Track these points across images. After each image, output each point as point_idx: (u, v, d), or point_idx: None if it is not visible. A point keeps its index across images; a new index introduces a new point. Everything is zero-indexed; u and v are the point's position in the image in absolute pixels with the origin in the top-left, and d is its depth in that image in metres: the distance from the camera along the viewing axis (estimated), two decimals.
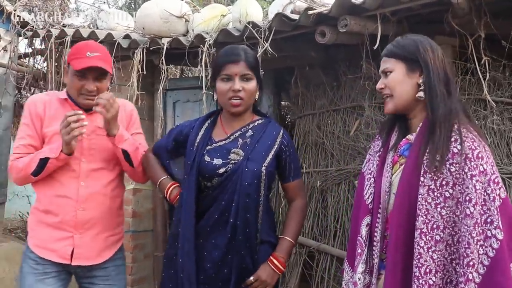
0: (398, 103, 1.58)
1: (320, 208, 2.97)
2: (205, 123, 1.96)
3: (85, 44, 2.09)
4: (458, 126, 1.46)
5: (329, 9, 2.30)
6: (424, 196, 1.43)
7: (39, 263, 2.01)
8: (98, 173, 2.06)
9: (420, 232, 1.42)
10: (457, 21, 2.27)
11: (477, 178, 1.39)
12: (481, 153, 1.42)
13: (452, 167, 1.42)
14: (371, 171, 1.66)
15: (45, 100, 2.08)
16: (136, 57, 3.02)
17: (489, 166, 1.42)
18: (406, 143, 1.59)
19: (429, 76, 1.51)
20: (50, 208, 2.02)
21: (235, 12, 2.71)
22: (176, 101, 3.71)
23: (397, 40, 1.63)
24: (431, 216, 1.42)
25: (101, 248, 2.08)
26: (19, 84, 4.28)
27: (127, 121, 2.21)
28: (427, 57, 1.52)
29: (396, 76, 1.57)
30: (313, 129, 3.07)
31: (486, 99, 2.38)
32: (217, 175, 1.84)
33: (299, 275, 2.99)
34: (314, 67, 3.10)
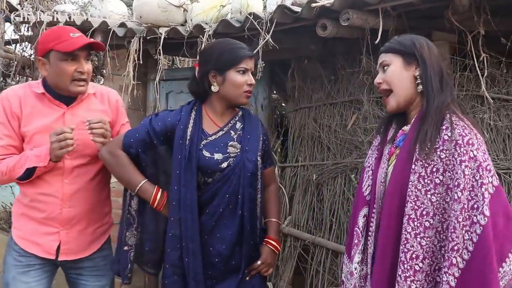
0: (399, 99, 1.60)
1: (316, 201, 2.98)
2: (191, 115, 1.90)
3: (62, 28, 2.01)
4: (449, 115, 1.49)
5: (332, 2, 2.30)
6: (414, 183, 1.45)
7: (22, 255, 1.97)
8: (83, 169, 2.00)
9: (408, 218, 1.44)
10: (457, 17, 2.30)
11: (466, 164, 1.39)
12: (472, 140, 1.43)
13: (442, 153, 1.44)
14: (370, 164, 1.70)
15: (20, 96, 1.95)
16: (133, 47, 2.97)
17: (480, 153, 1.42)
18: (402, 135, 1.62)
19: (425, 68, 1.55)
20: (35, 205, 1.96)
21: (236, 2, 2.68)
22: (169, 92, 3.66)
23: (394, 38, 1.67)
24: (421, 202, 1.44)
25: (89, 242, 2.05)
26: (5, 71, 4.18)
27: (114, 114, 2.13)
28: (423, 51, 1.56)
29: (394, 69, 1.60)
30: (310, 122, 3.07)
31: (484, 95, 2.42)
32: (220, 170, 1.85)
33: (293, 268, 2.99)
34: (311, 60, 3.09)
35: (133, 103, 3.50)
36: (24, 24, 3.86)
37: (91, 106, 2.05)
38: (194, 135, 1.86)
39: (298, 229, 3.00)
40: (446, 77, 1.57)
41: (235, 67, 1.86)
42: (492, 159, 2.35)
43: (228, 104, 1.93)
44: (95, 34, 3.15)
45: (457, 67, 2.54)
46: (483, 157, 1.42)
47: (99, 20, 3.23)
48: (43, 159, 1.87)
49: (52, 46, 1.87)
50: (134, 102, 3.50)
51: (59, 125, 1.94)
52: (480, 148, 1.43)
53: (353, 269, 1.62)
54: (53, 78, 1.93)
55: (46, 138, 1.90)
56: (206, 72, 1.89)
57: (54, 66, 1.89)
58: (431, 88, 1.53)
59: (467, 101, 2.51)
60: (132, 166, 1.90)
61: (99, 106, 2.08)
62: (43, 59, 1.92)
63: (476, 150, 1.42)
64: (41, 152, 1.88)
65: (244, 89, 1.88)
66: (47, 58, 1.90)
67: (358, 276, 1.61)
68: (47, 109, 1.96)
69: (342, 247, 2.72)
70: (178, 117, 1.89)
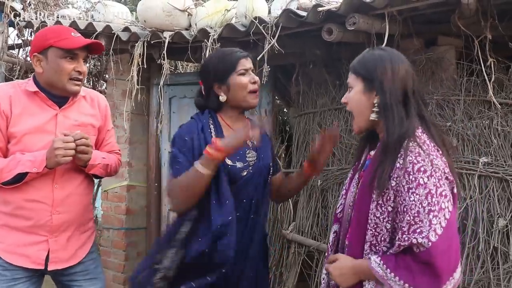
0: (359, 124, 1.57)
1: (320, 207, 2.95)
2: (210, 125, 1.89)
3: (63, 27, 2.00)
4: (407, 142, 1.43)
5: (338, 6, 2.28)
6: (373, 211, 1.45)
7: (7, 269, 1.87)
8: (72, 173, 1.96)
9: (370, 244, 1.47)
10: (463, 22, 2.28)
11: (413, 191, 1.37)
12: (424, 167, 1.38)
13: (393, 181, 1.41)
14: (345, 184, 1.72)
15: (10, 95, 1.88)
16: (137, 51, 2.96)
17: (432, 180, 1.37)
18: (368, 159, 1.61)
19: (383, 97, 1.47)
20: (20, 213, 1.88)
21: (241, 6, 2.67)
22: (172, 96, 3.65)
23: (363, 54, 1.59)
24: (380, 229, 1.45)
25: (77, 247, 2.01)
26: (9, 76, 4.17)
27: (102, 119, 2.11)
28: (384, 78, 1.47)
29: (353, 95, 1.55)
30: (314, 127, 3.05)
31: (491, 100, 2.40)
32: (241, 178, 1.86)
33: (298, 274, 2.96)
34: (316, 65, 3.08)
35: (136, 107, 3.48)
36: (28, 28, 3.87)
37: (82, 109, 2.03)
38: None
39: (303, 235, 2.97)
40: (413, 100, 1.49)
41: (234, 71, 1.86)
42: (499, 164, 2.35)
43: (240, 109, 1.94)
44: (99, 38, 3.14)
45: (463, 72, 2.52)
46: (435, 184, 1.37)
47: (103, 24, 3.22)
48: (37, 165, 1.81)
49: (52, 42, 1.84)
50: (137, 106, 3.48)
51: (51, 126, 1.90)
52: (433, 175, 1.38)
53: (321, 279, 1.68)
54: (50, 75, 1.88)
55: (36, 140, 1.86)
56: (210, 86, 1.91)
57: (52, 63, 1.86)
58: (391, 118, 1.46)
59: (474, 106, 2.48)
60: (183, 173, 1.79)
61: (90, 110, 2.06)
62: (40, 56, 1.87)
63: (428, 177, 1.37)
64: (36, 158, 1.82)
65: (249, 89, 1.87)
66: (45, 54, 1.86)
67: (325, 286, 1.65)
68: (38, 109, 1.91)
69: None
70: (199, 129, 1.87)
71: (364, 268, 1.45)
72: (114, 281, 3.68)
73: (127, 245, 3.64)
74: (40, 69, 1.88)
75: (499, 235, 2.26)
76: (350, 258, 1.51)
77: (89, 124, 2.03)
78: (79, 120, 1.98)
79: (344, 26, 2.30)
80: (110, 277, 3.68)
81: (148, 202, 3.72)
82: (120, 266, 3.64)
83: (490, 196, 2.32)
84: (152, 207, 3.68)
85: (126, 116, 3.44)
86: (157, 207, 3.67)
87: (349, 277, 1.49)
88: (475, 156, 2.39)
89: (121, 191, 3.63)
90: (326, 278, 1.66)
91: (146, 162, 3.73)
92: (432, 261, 1.33)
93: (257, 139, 1.78)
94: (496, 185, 2.32)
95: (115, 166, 2.16)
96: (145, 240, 3.75)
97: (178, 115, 3.62)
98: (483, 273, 2.26)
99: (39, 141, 1.87)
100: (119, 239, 3.64)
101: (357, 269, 1.48)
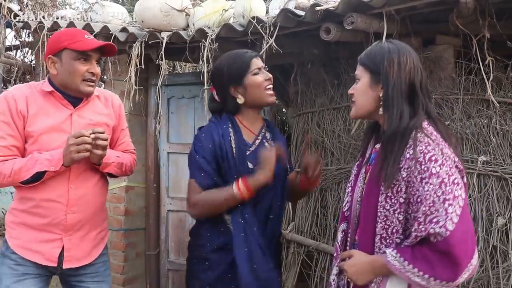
0: (359, 111, 1.60)
1: (319, 207, 2.94)
2: (230, 131, 1.92)
3: (76, 29, 2.04)
4: (415, 133, 1.44)
5: (336, 5, 2.28)
6: (383, 204, 1.45)
7: (19, 264, 1.91)
8: (87, 174, 1.98)
9: (380, 237, 1.47)
10: (461, 21, 2.28)
11: (426, 180, 1.37)
12: (435, 156, 1.39)
13: (404, 172, 1.41)
14: (351, 180, 1.71)
15: (26, 95, 1.92)
16: (134, 51, 2.95)
17: (444, 168, 1.38)
18: (374, 152, 1.61)
19: (387, 91, 1.48)
20: (36, 211, 1.91)
21: (239, 6, 2.66)
22: (170, 97, 3.64)
23: (371, 47, 1.60)
24: (390, 221, 1.45)
25: (92, 247, 2.03)
26: (6, 77, 4.17)
27: (116, 119, 2.13)
28: (390, 71, 1.48)
29: (360, 86, 1.58)
30: (313, 127, 3.05)
31: (490, 99, 2.40)
32: None
33: (297, 274, 2.96)
34: (314, 65, 3.07)
35: (134, 108, 3.48)
36: (25, 29, 3.86)
37: (97, 108, 2.05)
38: (239, 147, 1.89)
39: (302, 235, 2.97)
40: (420, 93, 1.50)
41: (248, 71, 1.90)
42: (498, 163, 2.35)
43: (258, 108, 2.00)
44: (97, 39, 3.12)
45: (462, 71, 2.52)
46: (448, 172, 1.37)
47: (101, 25, 3.21)
48: (55, 164, 1.84)
49: (66, 44, 1.88)
50: (136, 107, 3.47)
51: (67, 126, 1.93)
52: (445, 164, 1.38)
53: (331, 280, 1.67)
54: (64, 77, 1.92)
55: (52, 139, 1.89)
56: (226, 90, 1.93)
57: (66, 64, 1.89)
58: (392, 112, 1.47)
59: (472, 105, 2.49)
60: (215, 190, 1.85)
61: (104, 109, 2.08)
62: (54, 58, 1.91)
63: (440, 166, 1.37)
64: (53, 156, 1.85)
65: (265, 86, 1.91)
66: (59, 56, 1.90)
67: (335, 287, 1.65)
68: (53, 109, 1.94)
69: None
70: (220, 132, 1.90)
71: (380, 263, 1.44)
72: (113, 282, 3.66)
73: (126, 246, 3.62)
74: (55, 71, 1.92)
75: (498, 234, 2.27)
76: (364, 254, 1.50)
77: (104, 123, 2.05)
78: (94, 119, 2.00)
79: (342, 25, 2.30)
80: None
81: (147, 202, 3.71)
82: (119, 267, 3.63)
83: (489, 194, 2.32)
84: (151, 207, 3.67)
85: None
86: (156, 207, 3.66)
87: (365, 273, 1.48)
88: (474, 155, 2.39)
89: (120, 192, 3.62)
90: (336, 279, 1.64)
91: (145, 162, 3.72)
92: (450, 250, 1.32)
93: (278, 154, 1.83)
94: (495, 184, 2.33)
95: (131, 165, 2.18)
96: (144, 241, 3.73)
97: (177, 115, 3.61)
98: (482, 271, 2.26)
99: (55, 140, 1.90)
100: (118, 240, 3.63)
101: (373, 265, 1.46)
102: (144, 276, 3.74)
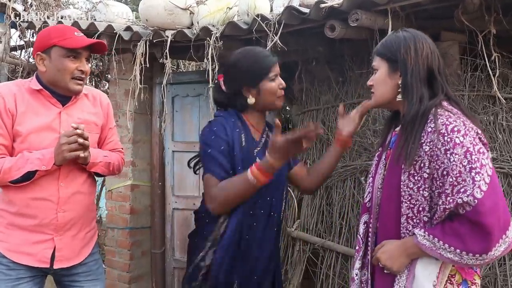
0: (378, 100, 1.62)
1: (325, 204, 2.94)
2: (238, 123, 1.92)
3: (66, 26, 2.02)
4: (435, 109, 1.45)
5: (340, 2, 2.27)
6: (406, 183, 1.44)
7: (11, 269, 1.88)
8: (76, 172, 1.97)
9: (407, 217, 1.45)
10: (466, 17, 2.27)
11: (451, 151, 1.35)
12: (457, 127, 1.38)
13: (426, 146, 1.40)
14: (371, 171, 1.70)
15: (14, 93, 1.89)
16: (139, 50, 2.95)
17: (468, 138, 1.36)
18: (394, 135, 1.62)
19: (405, 78, 1.50)
20: (25, 212, 1.88)
21: (243, 4, 2.66)
22: (175, 95, 3.64)
23: (386, 37, 1.62)
24: (415, 200, 1.43)
25: (81, 246, 2.02)
26: (11, 77, 4.18)
27: (104, 117, 2.12)
28: (407, 57, 1.50)
29: (379, 76, 1.59)
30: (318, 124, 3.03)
31: (496, 95, 2.39)
32: None
33: (303, 272, 2.96)
34: (319, 62, 3.07)
35: (139, 107, 3.48)
36: (29, 29, 3.86)
37: (85, 107, 2.04)
38: (248, 141, 1.90)
39: (307, 233, 2.97)
40: (438, 77, 1.51)
41: (267, 77, 1.89)
42: (505, 160, 2.34)
43: (265, 110, 2.01)
44: (101, 38, 3.13)
45: (467, 67, 2.51)
46: (472, 142, 1.35)
47: (105, 24, 3.21)
48: (46, 163, 1.83)
49: (55, 41, 1.86)
50: (140, 106, 3.48)
51: (56, 125, 1.92)
52: (468, 134, 1.37)
53: (354, 275, 1.64)
54: (53, 74, 1.90)
55: (41, 138, 1.88)
56: (238, 87, 1.92)
57: (55, 61, 1.87)
58: (411, 97, 1.48)
59: (478, 101, 2.48)
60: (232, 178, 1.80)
61: (92, 108, 2.07)
62: (43, 55, 1.89)
63: (463, 136, 1.36)
64: (44, 155, 1.84)
65: (278, 94, 1.93)
66: (48, 53, 1.88)
67: (358, 282, 1.62)
68: (42, 107, 1.92)
69: (352, 250, 2.69)
70: (230, 126, 1.89)
71: (410, 244, 1.43)
72: (119, 280, 3.68)
73: (132, 244, 3.63)
74: (43, 68, 1.90)
75: None
76: (393, 240, 1.48)
77: (92, 122, 2.04)
78: (82, 118, 1.99)
79: (346, 22, 2.29)
80: (115, 276, 3.68)
81: (152, 201, 3.72)
82: (125, 265, 3.64)
83: None
84: (156, 206, 3.68)
85: (129, 115, 3.43)
86: (161, 206, 3.67)
87: (397, 258, 1.46)
88: None
89: (125, 191, 3.63)
90: (359, 273, 1.62)
91: (150, 161, 3.73)
92: (480, 219, 1.29)
93: None
94: (502, 181, 2.31)
95: (118, 165, 2.16)
96: (150, 239, 3.74)
97: (181, 113, 3.61)
98: (489, 269, 2.25)
99: (44, 139, 1.88)
100: (123, 238, 3.64)
101: (404, 247, 1.45)
102: (149, 274, 3.75)
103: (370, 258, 1.59)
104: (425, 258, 1.43)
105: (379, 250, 1.51)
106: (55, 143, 1.86)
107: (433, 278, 1.42)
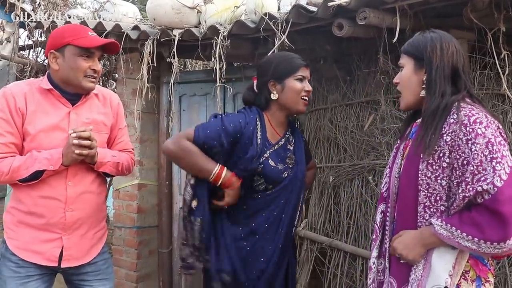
0: (407, 101, 1.64)
1: (333, 204, 2.93)
2: (257, 120, 1.95)
3: (80, 26, 2.04)
4: (458, 103, 1.48)
5: (348, 1, 2.26)
6: (424, 171, 1.46)
7: (21, 266, 1.90)
8: (84, 171, 1.97)
9: (424, 206, 1.47)
10: (475, 14, 2.25)
11: (473, 141, 1.37)
12: (480, 119, 1.41)
13: (448, 137, 1.43)
14: (389, 163, 1.72)
15: (25, 92, 1.90)
16: (146, 49, 2.96)
17: (490, 130, 1.39)
18: (415, 126, 1.65)
19: (430, 73, 1.54)
20: (34, 210, 1.90)
21: (250, 3, 2.66)
22: (182, 94, 3.65)
23: (413, 37, 1.66)
24: (433, 189, 1.45)
25: (90, 246, 2.02)
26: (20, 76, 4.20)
27: (114, 117, 2.12)
28: (433, 55, 1.54)
29: (405, 72, 1.63)
30: (325, 123, 3.03)
31: (505, 94, 2.37)
32: (281, 180, 1.95)
33: (310, 271, 2.95)
34: (327, 61, 3.06)
35: (146, 106, 3.49)
36: (38, 29, 3.89)
37: (94, 107, 2.04)
38: (261, 142, 1.92)
39: (315, 232, 2.96)
40: (462, 75, 1.54)
41: (293, 75, 1.95)
42: None
43: (288, 112, 2.02)
44: (109, 37, 3.14)
45: (476, 66, 2.49)
46: (493, 134, 1.39)
47: (112, 24, 3.22)
48: (54, 163, 1.84)
49: (69, 40, 1.87)
50: (148, 105, 3.49)
51: (65, 124, 1.93)
52: (490, 126, 1.40)
53: (371, 263, 1.66)
54: (66, 72, 1.91)
55: (50, 138, 1.89)
56: (265, 82, 1.97)
57: (69, 60, 1.89)
58: (433, 92, 1.52)
59: (487, 100, 2.46)
60: (203, 154, 1.88)
61: (102, 108, 2.07)
62: (56, 53, 1.90)
63: (485, 127, 1.39)
64: (52, 155, 1.85)
65: (302, 95, 1.96)
66: (61, 52, 1.89)
67: (375, 270, 1.65)
68: (52, 107, 1.93)
69: (360, 250, 2.68)
70: (246, 120, 1.93)
71: (427, 234, 1.44)
72: (126, 279, 3.70)
73: (139, 244, 3.65)
74: (56, 66, 1.91)
75: None
76: (410, 230, 1.50)
77: (101, 122, 2.05)
78: (91, 118, 2.00)
79: (354, 21, 2.28)
80: (122, 275, 3.70)
81: (159, 200, 3.73)
82: (133, 264, 3.65)
83: None
84: (163, 205, 3.69)
85: (136, 114, 3.44)
86: (169, 205, 3.68)
87: (414, 247, 1.48)
88: None
89: (133, 190, 3.64)
90: (376, 262, 1.64)
91: (157, 160, 3.74)
92: (498, 208, 1.31)
93: None
94: None
95: (128, 165, 2.16)
96: (157, 238, 3.76)
97: (188, 113, 3.62)
98: (499, 268, 2.24)
99: (53, 138, 1.90)
100: (131, 237, 3.65)
101: (421, 236, 1.47)
102: (157, 273, 3.76)
103: (387, 247, 1.61)
104: (442, 248, 1.44)
105: (396, 239, 1.53)
106: (64, 143, 1.87)
107: (449, 268, 1.43)
